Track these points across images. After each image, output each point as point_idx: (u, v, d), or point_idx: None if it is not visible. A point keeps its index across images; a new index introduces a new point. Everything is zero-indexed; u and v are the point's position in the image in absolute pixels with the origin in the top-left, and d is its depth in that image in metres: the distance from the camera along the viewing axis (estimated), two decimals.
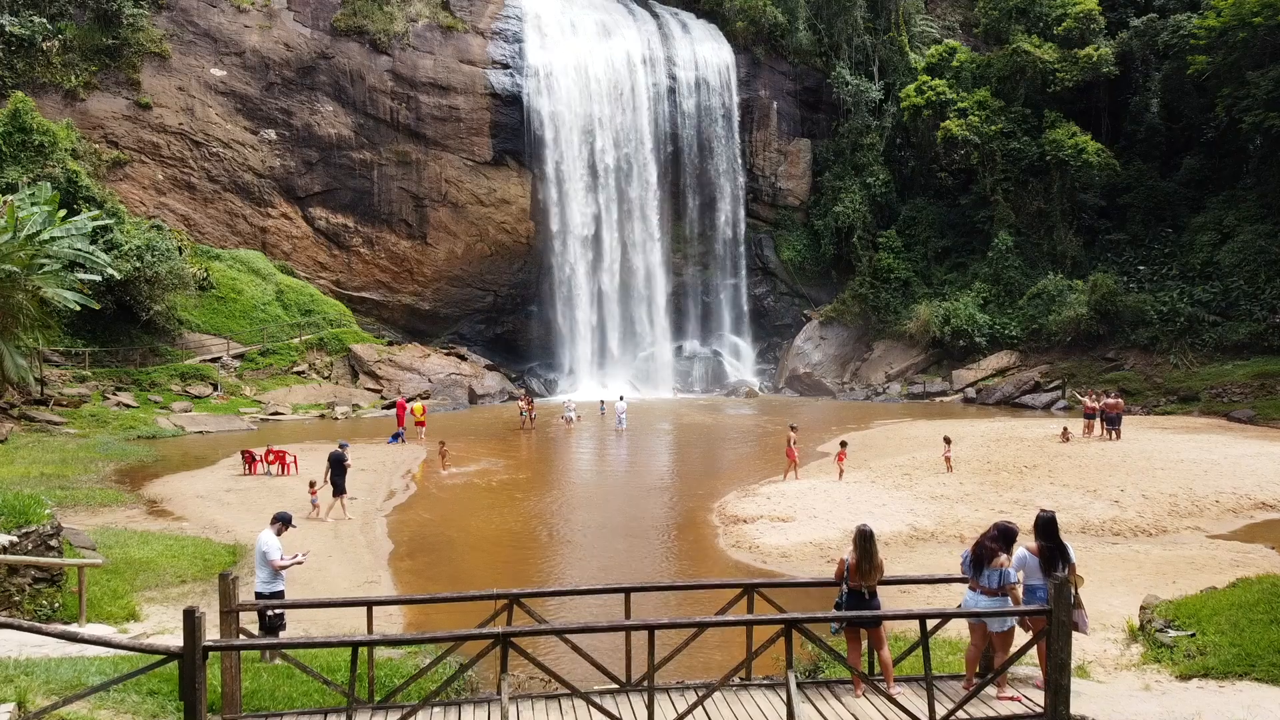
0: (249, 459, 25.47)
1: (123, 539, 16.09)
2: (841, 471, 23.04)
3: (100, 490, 22.12)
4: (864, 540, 8.39)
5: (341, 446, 21.43)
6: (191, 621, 6.38)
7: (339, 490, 20.43)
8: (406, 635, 8.54)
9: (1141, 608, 11.30)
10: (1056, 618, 7.24)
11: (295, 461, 25.56)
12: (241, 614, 8.17)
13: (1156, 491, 20.41)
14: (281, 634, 9.89)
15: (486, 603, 8.44)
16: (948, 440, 24.84)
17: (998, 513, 18.93)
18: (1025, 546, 8.68)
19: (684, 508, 21.12)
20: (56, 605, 11.35)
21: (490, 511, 20.75)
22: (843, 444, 24.10)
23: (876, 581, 8.43)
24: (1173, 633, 10.14)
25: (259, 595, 10.09)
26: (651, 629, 7.25)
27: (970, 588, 8.59)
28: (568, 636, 7.18)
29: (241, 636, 7.61)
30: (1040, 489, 21.13)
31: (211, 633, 7.24)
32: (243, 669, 7.89)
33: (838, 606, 8.53)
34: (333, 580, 15.06)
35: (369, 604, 8.21)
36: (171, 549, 15.63)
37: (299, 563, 10.38)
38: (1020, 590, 8.42)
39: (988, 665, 8.49)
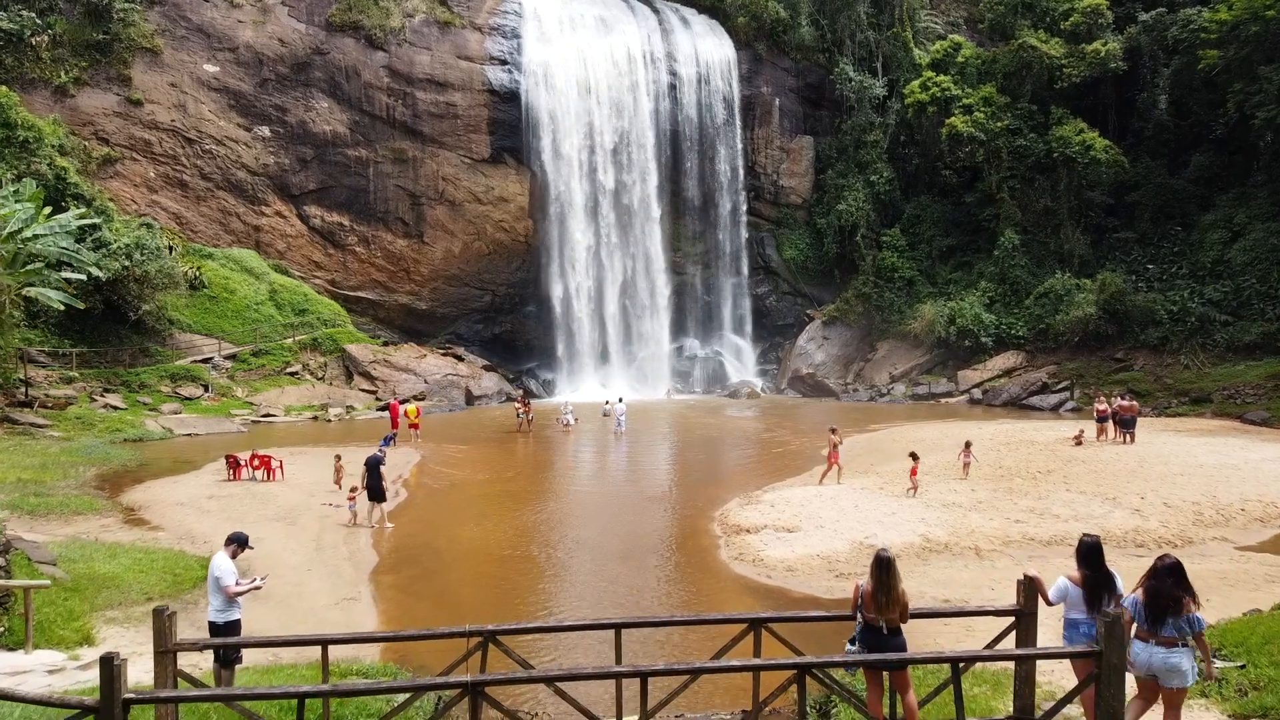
0: (233, 464, 24.59)
1: (89, 552, 15.20)
2: (916, 487, 20.82)
3: (76, 497, 21.23)
4: (880, 568, 7.41)
5: (381, 450, 20.75)
6: (110, 670, 5.52)
7: (377, 496, 19.62)
8: (360, 685, 7.67)
9: None
10: (1108, 660, 6.35)
11: (281, 466, 24.68)
12: (195, 650, 7.29)
13: (1178, 499, 19.51)
14: (237, 667, 9.02)
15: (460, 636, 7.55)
16: (968, 445, 23.89)
17: (1013, 522, 18.10)
18: (1066, 575, 7.79)
19: (684, 516, 20.22)
20: (1, 630, 10.49)
21: (481, 521, 19.86)
22: (913, 456, 21.46)
23: (897, 616, 7.47)
24: (1220, 663, 9.24)
25: (212, 625, 9.21)
26: (644, 676, 6.38)
27: (1139, 637, 7.37)
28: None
29: (181, 682, 6.73)
30: (1057, 496, 20.21)
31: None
32: (190, 710, 7.02)
33: (854, 640, 7.60)
34: (311, 596, 14.19)
35: (324, 642, 7.33)
36: (140, 562, 14.74)
37: (256, 588, 9.49)
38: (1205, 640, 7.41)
39: None
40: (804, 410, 46.05)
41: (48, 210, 34.86)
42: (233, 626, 9.17)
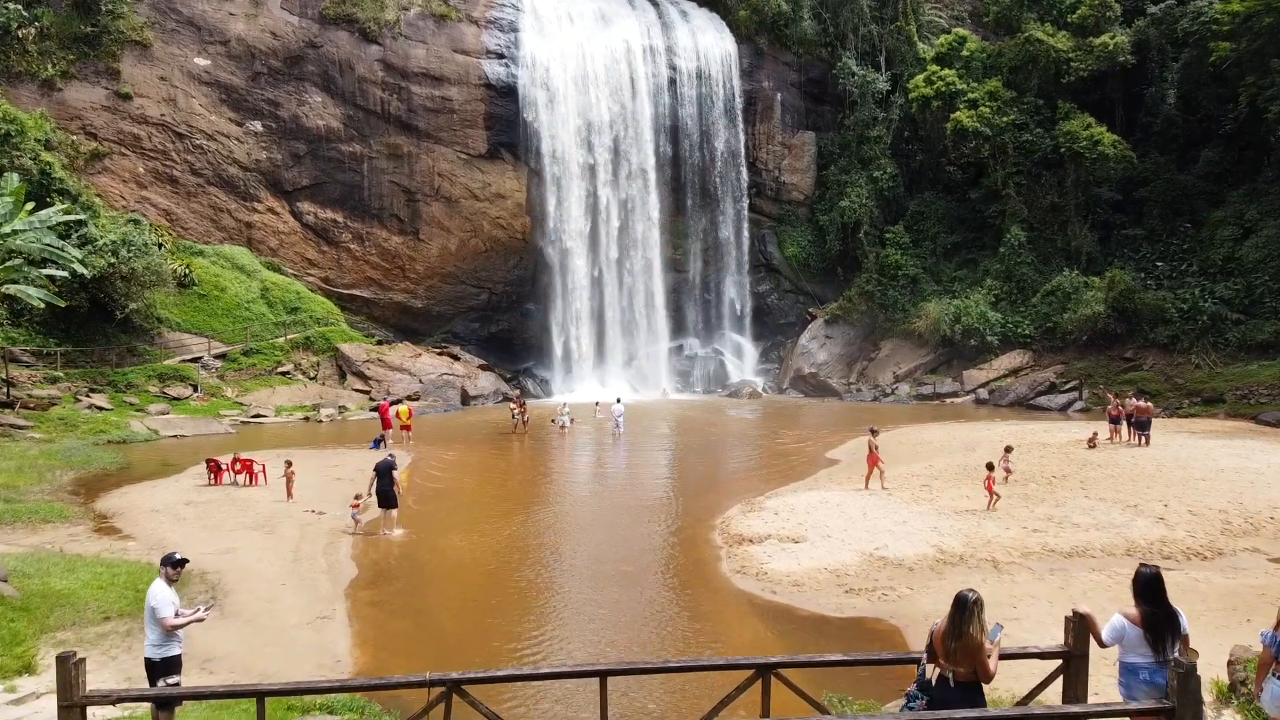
0: (214, 468, 23.63)
1: (46, 565, 14.23)
2: (996, 498, 19.13)
3: (47, 504, 20.25)
4: (955, 609, 6.49)
5: (391, 456, 19.99)
6: None
7: (387, 503, 18.55)
8: None
9: (1230, 662, 9.41)
10: (1181, 718, 5.40)
11: (264, 471, 23.72)
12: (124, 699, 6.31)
13: (1203, 506, 18.53)
14: (178, 708, 8.07)
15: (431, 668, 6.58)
16: (1009, 450, 22.86)
17: (1031, 531, 17.16)
18: (1122, 612, 6.81)
19: (683, 525, 19.24)
20: None
21: (469, 531, 18.87)
22: (990, 466, 19.76)
23: (969, 669, 6.35)
24: None
25: (149, 662, 8.26)
26: None
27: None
28: None
29: None
30: (1075, 504, 19.25)
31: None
32: None
33: (914, 692, 6.58)
34: (283, 613, 13.22)
35: (260, 694, 6.38)
36: (101, 577, 13.75)
37: (199, 619, 8.51)
38: None
39: None
40: (807, 411, 45.11)
41: (30, 206, 33.89)
42: (172, 664, 8.21)
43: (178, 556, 8.65)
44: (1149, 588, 6.75)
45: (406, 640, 12.15)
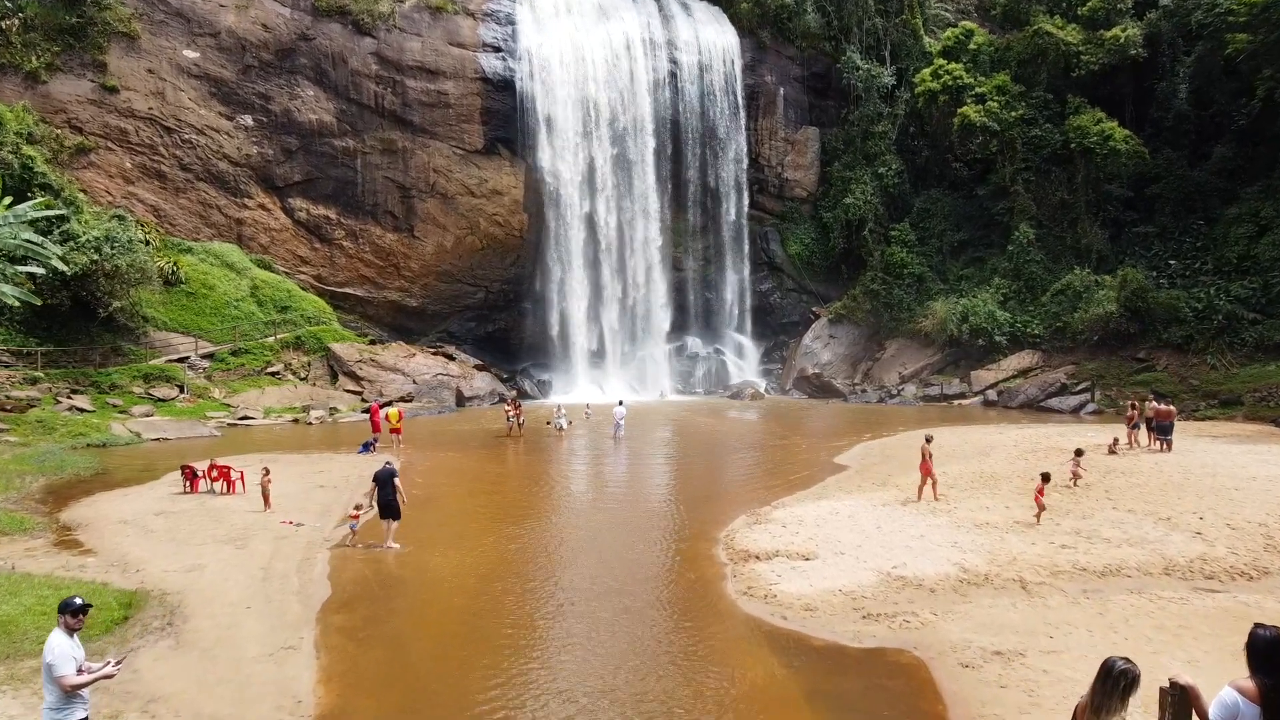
0: (190, 475, 22.43)
1: None
2: (1042, 509, 17.78)
3: (9, 514, 19.03)
4: (1099, 680, 5.32)
5: (389, 462, 19.16)
6: None
7: (388, 513, 17.43)
8: None
9: None
10: None
11: (242, 478, 22.51)
12: None
13: (1241, 519, 17.33)
14: None
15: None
16: (1079, 453, 21.72)
17: (1059, 547, 15.97)
18: (1234, 685, 5.58)
19: (685, 538, 18.00)
20: None
21: (456, 544, 17.66)
22: (1044, 477, 18.50)
23: None
24: None
25: None
26: None
27: None
28: None
29: None
30: (1103, 515, 18.05)
31: None
32: None
33: None
34: (243, 642, 11.99)
35: None
36: (46, 602, 12.52)
37: (107, 675, 7.32)
38: None
39: None
40: (811, 413, 43.92)
41: (8, 200, 32.67)
42: None
43: (79, 602, 7.46)
44: (1269, 654, 5.49)
45: (376, 676, 10.92)
